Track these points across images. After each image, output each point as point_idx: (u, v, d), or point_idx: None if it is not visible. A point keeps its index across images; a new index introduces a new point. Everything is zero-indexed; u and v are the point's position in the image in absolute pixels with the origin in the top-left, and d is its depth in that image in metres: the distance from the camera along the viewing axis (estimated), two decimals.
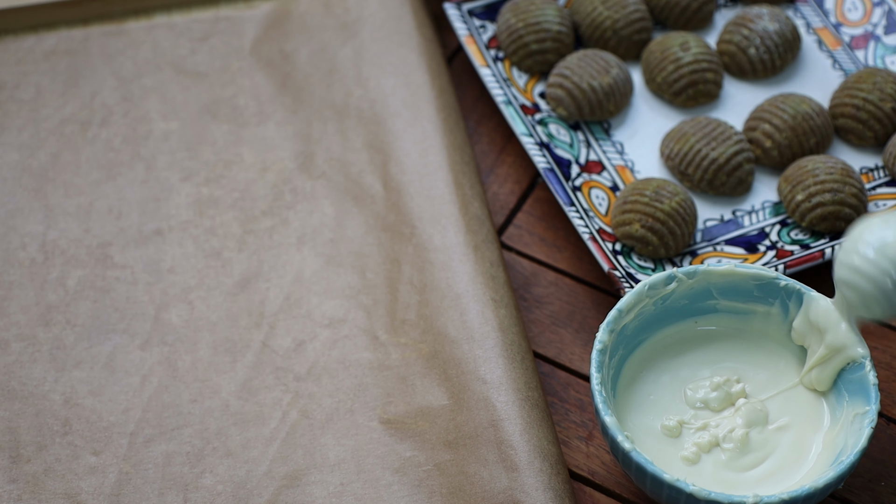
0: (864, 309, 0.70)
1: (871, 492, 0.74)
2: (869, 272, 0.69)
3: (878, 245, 0.69)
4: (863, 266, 0.69)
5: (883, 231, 0.70)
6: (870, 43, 0.92)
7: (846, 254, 0.70)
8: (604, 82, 0.87)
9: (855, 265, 0.70)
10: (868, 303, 0.70)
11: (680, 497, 0.68)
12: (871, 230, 0.70)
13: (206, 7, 0.95)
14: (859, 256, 0.70)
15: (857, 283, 0.70)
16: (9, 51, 0.92)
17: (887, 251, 0.69)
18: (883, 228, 0.70)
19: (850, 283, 0.70)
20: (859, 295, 0.70)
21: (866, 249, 0.69)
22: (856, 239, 0.70)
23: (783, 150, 0.86)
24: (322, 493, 0.72)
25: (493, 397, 0.75)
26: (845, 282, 0.70)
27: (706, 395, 0.74)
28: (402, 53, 0.91)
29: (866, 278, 0.69)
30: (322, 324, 0.79)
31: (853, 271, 0.70)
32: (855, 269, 0.70)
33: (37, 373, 0.77)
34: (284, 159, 0.87)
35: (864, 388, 0.71)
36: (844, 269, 0.70)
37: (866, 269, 0.69)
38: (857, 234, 0.70)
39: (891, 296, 0.69)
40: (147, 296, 0.80)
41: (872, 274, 0.69)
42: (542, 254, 0.85)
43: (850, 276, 0.70)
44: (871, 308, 0.70)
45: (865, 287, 0.69)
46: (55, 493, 0.73)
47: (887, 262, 0.69)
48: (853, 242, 0.70)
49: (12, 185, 0.85)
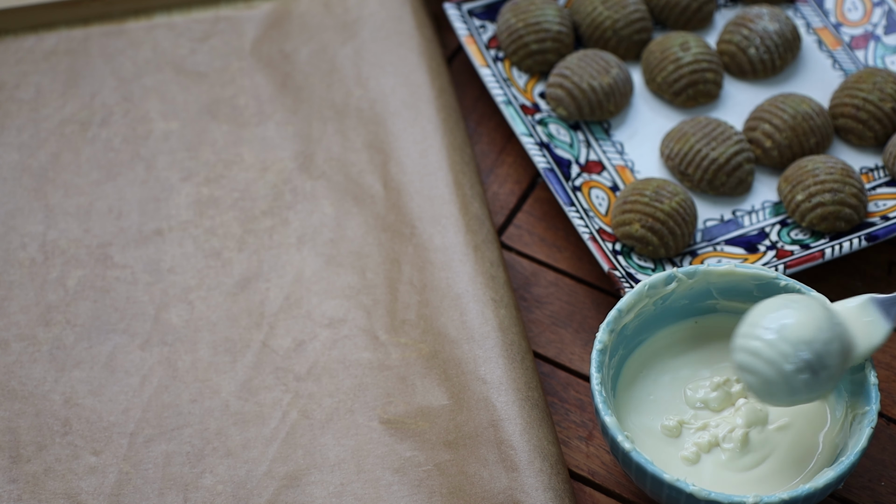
0: (766, 395, 0.68)
1: (871, 492, 0.74)
2: (768, 356, 0.67)
3: (777, 328, 0.67)
4: (760, 349, 0.67)
5: (781, 313, 0.68)
6: (870, 43, 0.92)
7: (744, 338, 0.68)
8: (604, 82, 0.87)
9: (752, 349, 0.68)
10: (769, 388, 0.68)
11: (680, 497, 0.68)
12: (769, 314, 0.68)
13: (206, 7, 0.95)
14: (758, 340, 0.68)
15: (757, 367, 0.68)
16: (9, 51, 0.92)
17: (786, 333, 0.67)
18: (780, 311, 0.68)
19: (749, 368, 0.68)
20: (760, 380, 0.68)
21: (765, 333, 0.68)
22: (754, 323, 0.68)
23: (783, 150, 0.86)
24: (322, 493, 0.72)
25: (493, 397, 0.75)
26: (745, 367, 0.68)
27: (706, 395, 0.74)
28: (402, 53, 0.91)
29: (766, 362, 0.67)
30: (322, 324, 0.79)
31: (752, 355, 0.68)
32: (754, 352, 0.68)
33: (37, 373, 0.77)
34: (284, 159, 0.87)
35: (864, 388, 0.71)
36: (743, 353, 0.68)
37: (765, 352, 0.67)
38: (756, 318, 0.68)
39: (791, 380, 0.67)
40: (147, 296, 0.80)
41: (772, 357, 0.67)
42: (542, 254, 0.85)
43: (749, 361, 0.68)
44: (773, 394, 0.68)
45: (765, 372, 0.67)
46: (55, 493, 0.73)
47: (786, 346, 0.67)
48: (751, 326, 0.68)
49: (12, 185, 0.85)
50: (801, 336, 0.67)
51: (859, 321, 0.70)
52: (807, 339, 0.67)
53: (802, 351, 0.67)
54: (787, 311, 0.68)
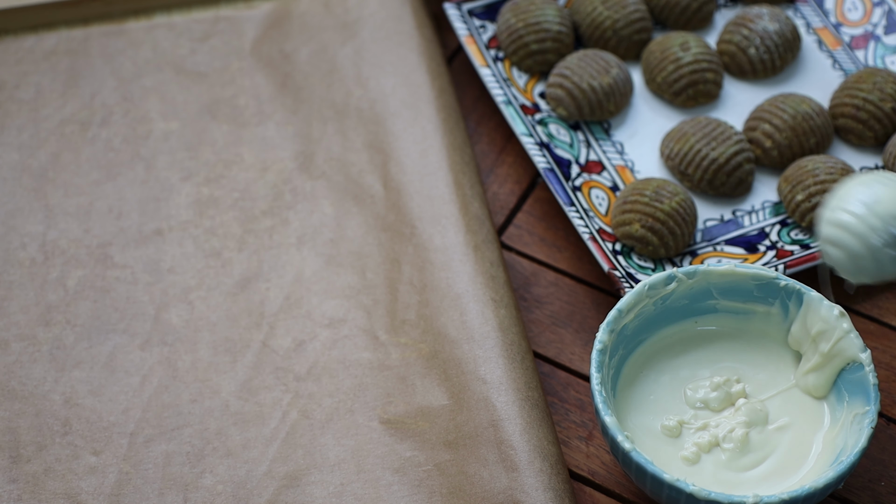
0: (851, 270, 0.67)
1: (871, 492, 0.74)
2: (857, 229, 0.66)
3: (869, 201, 0.66)
4: (851, 223, 0.66)
5: (870, 188, 0.67)
6: (870, 43, 0.92)
7: (833, 211, 0.67)
8: (604, 82, 0.87)
9: (842, 222, 0.66)
10: (855, 263, 0.67)
11: (680, 497, 0.68)
12: (861, 187, 0.67)
13: (206, 7, 0.95)
14: (847, 213, 0.66)
15: (844, 240, 0.66)
16: (9, 51, 0.92)
17: (877, 208, 0.66)
18: (873, 185, 0.67)
19: (836, 241, 0.67)
20: (846, 254, 0.67)
21: (855, 205, 0.66)
22: (843, 196, 0.67)
23: (783, 150, 0.86)
24: (322, 493, 0.72)
25: (493, 397, 0.75)
26: (831, 240, 0.67)
27: (706, 395, 0.74)
28: (402, 53, 0.91)
29: (854, 235, 0.66)
30: (322, 324, 0.79)
31: (840, 228, 0.66)
32: (842, 225, 0.66)
33: (37, 373, 0.77)
34: (284, 159, 0.87)
35: (864, 388, 0.71)
36: (831, 226, 0.67)
37: (855, 225, 0.66)
38: (845, 191, 0.67)
39: (878, 255, 0.66)
40: (147, 296, 0.80)
41: (861, 231, 0.66)
42: (542, 254, 0.85)
43: (837, 234, 0.67)
44: (859, 268, 0.67)
45: (853, 245, 0.66)
46: (55, 493, 0.73)
47: (876, 219, 0.66)
48: (840, 199, 0.67)
49: (12, 185, 0.85)
50: (891, 212, 0.66)
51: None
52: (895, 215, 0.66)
53: (893, 226, 0.66)
54: (879, 187, 0.67)
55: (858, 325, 0.81)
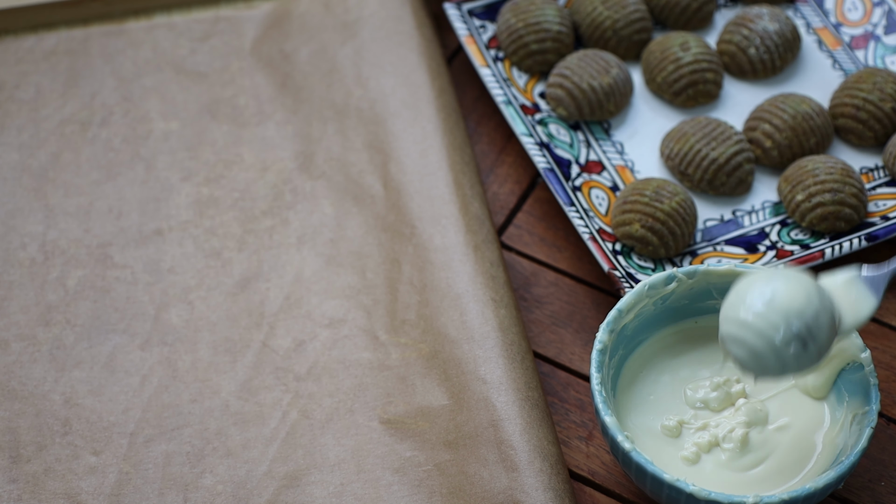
0: (755, 368, 0.67)
1: (871, 492, 0.74)
2: (757, 326, 0.66)
3: (767, 298, 0.66)
4: (750, 320, 0.66)
5: (770, 285, 0.67)
6: (870, 43, 0.92)
7: (732, 308, 0.67)
8: (604, 82, 0.87)
9: (741, 320, 0.66)
10: (758, 360, 0.66)
11: (680, 497, 0.68)
12: (757, 285, 0.67)
13: (206, 7, 0.95)
14: (746, 310, 0.66)
15: (746, 338, 0.66)
16: (9, 51, 0.92)
17: (774, 304, 0.66)
18: (769, 282, 0.67)
19: (737, 339, 0.66)
20: (748, 352, 0.66)
21: (753, 302, 0.66)
22: (742, 293, 0.67)
23: (783, 150, 0.86)
24: (322, 493, 0.72)
25: (493, 397, 0.75)
26: (733, 338, 0.67)
27: (706, 395, 0.74)
28: (402, 53, 0.91)
29: (754, 333, 0.66)
30: (322, 324, 0.79)
31: (740, 326, 0.66)
32: (742, 323, 0.66)
33: (37, 373, 0.77)
34: (284, 159, 0.87)
35: (864, 388, 0.71)
36: (731, 324, 0.67)
37: (754, 323, 0.66)
38: (744, 289, 0.67)
39: (780, 352, 0.66)
40: (147, 296, 0.80)
41: (761, 328, 0.66)
42: (542, 254, 0.85)
43: (738, 332, 0.66)
44: (762, 366, 0.67)
45: (754, 343, 0.66)
46: (55, 493, 0.73)
47: (775, 315, 0.65)
48: (739, 296, 0.67)
49: (12, 185, 0.85)
50: (791, 307, 0.66)
51: (847, 296, 0.69)
52: (797, 311, 0.66)
53: (793, 322, 0.66)
54: (776, 283, 0.67)
55: None
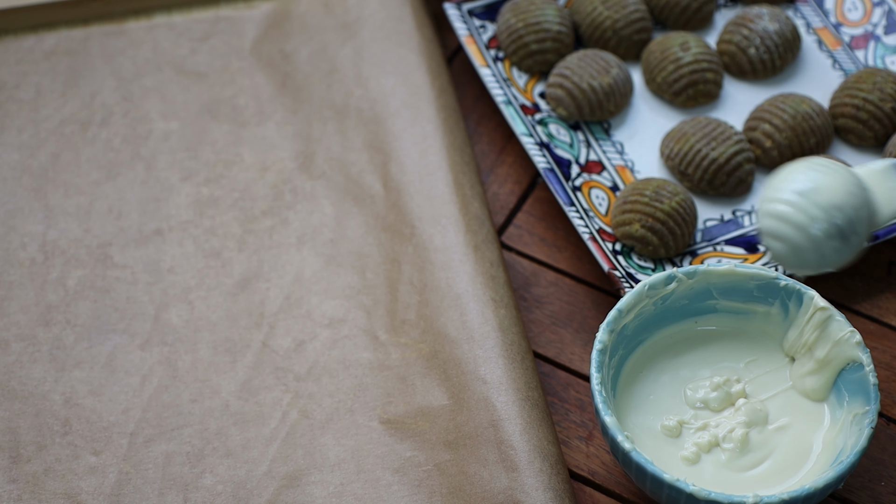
0: (793, 262, 0.65)
1: (871, 492, 0.74)
2: (796, 220, 0.64)
3: (804, 190, 0.64)
4: (788, 213, 0.64)
5: (808, 176, 0.65)
6: (870, 43, 0.92)
7: (770, 202, 0.65)
8: (604, 82, 0.87)
9: (780, 213, 0.64)
10: (797, 255, 0.65)
11: (680, 497, 0.68)
12: (796, 176, 0.65)
13: (206, 7, 0.95)
14: (784, 203, 0.64)
15: (784, 232, 0.64)
16: (9, 51, 0.92)
17: (815, 198, 0.64)
18: (807, 174, 0.65)
19: (776, 233, 0.65)
20: (787, 246, 0.65)
21: (792, 196, 0.64)
22: (780, 186, 0.65)
23: (783, 150, 0.86)
24: (322, 493, 0.72)
25: (493, 397, 0.75)
26: (771, 232, 0.65)
27: (706, 395, 0.74)
28: (402, 53, 0.91)
29: (794, 227, 0.64)
30: (322, 324, 0.79)
31: (779, 220, 0.64)
32: (780, 216, 0.64)
33: (37, 373, 0.77)
34: (284, 159, 0.87)
35: (864, 388, 0.71)
36: (769, 219, 0.65)
37: (792, 216, 0.64)
38: (781, 181, 0.65)
39: (820, 244, 0.64)
40: (147, 296, 0.80)
41: (799, 221, 0.64)
42: (542, 254, 0.85)
43: (777, 226, 0.65)
44: (801, 260, 0.65)
45: (793, 237, 0.64)
46: (55, 493, 0.73)
47: (815, 208, 0.64)
48: (777, 190, 0.65)
49: (12, 185, 0.85)
50: (832, 200, 0.64)
51: (883, 185, 0.67)
52: (838, 204, 0.64)
53: (834, 216, 0.64)
54: (815, 175, 0.65)
55: (858, 325, 0.81)
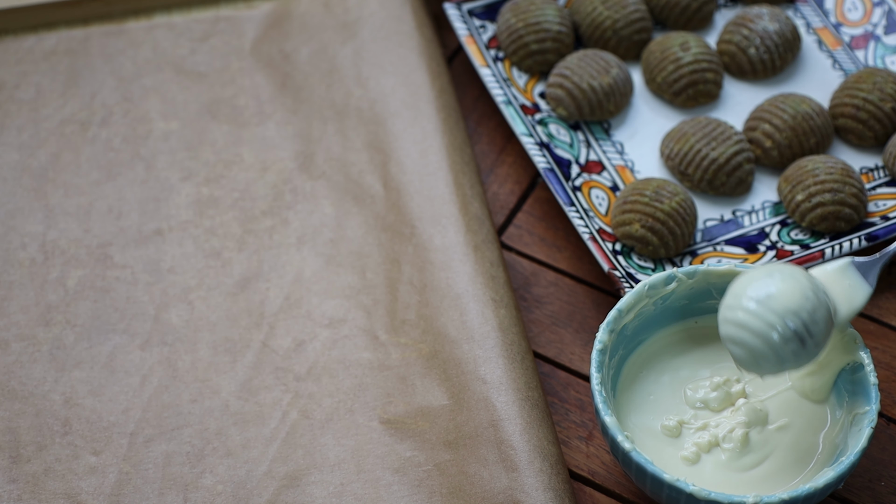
0: (754, 366, 0.68)
1: (871, 492, 0.74)
2: (754, 326, 0.67)
3: (762, 297, 0.67)
4: (747, 321, 0.67)
5: (765, 283, 0.68)
6: (870, 43, 0.92)
7: (730, 310, 0.68)
8: (604, 82, 0.87)
9: (739, 320, 0.67)
10: (757, 359, 0.68)
11: (680, 497, 0.68)
12: (753, 284, 0.68)
13: (206, 7, 0.95)
14: (743, 311, 0.67)
15: (744, 339, 0.67)
16: (9, 51, 0.92)
17: (771, 304, 0.67)
18: (764, 281, 0.68)
19: (736, 339, 0.68)
20: (747, 352, 0.68)
21: (749, 303, 0.67)
22: (738, 294, 0.68)
23: (783, 150, 0.86)
24: (322, 493, 0.72)
25: (493, 397, 0.75)
26: (731, 339, 0.68)
27: (706, 395, 0.74)
28: (402, 53, 0.91)
29: (752, 333, 0.67)
30: (322, 324, 0.79)
31: (738, 327, 0.67)
32: (740, 324, 0.67)
33: (37, 373, 0.77)
34: (284, 159, 0.87)
35: (864, 388, 0.71)
36: (729, 325, 0.68)
37: (751, 323, 0.67)
38: (739, 289, 0.68)
39: (778, 350, 0.67)
40: (147, 296, 0.80)
41: (758, 328, 0.67)
42: (542, 254, 0.85)
43: (736, 333, 0.68)
44: (761, 364, 0.68)
45: (752, 343, 0.67)
46: (55, 493, 0.73)
47: (772, 315, 0.67)
48: (736, 297, 0.68)
49: (12, 185, 0.85)
50: (787, 305, 0.67)
51: (840, 285, 0.70)
52: (793, 309, 0.67)
53: (790, 320, 0.67)
54: (771, 281, 0.68)
55: (858, 325, 0.81)
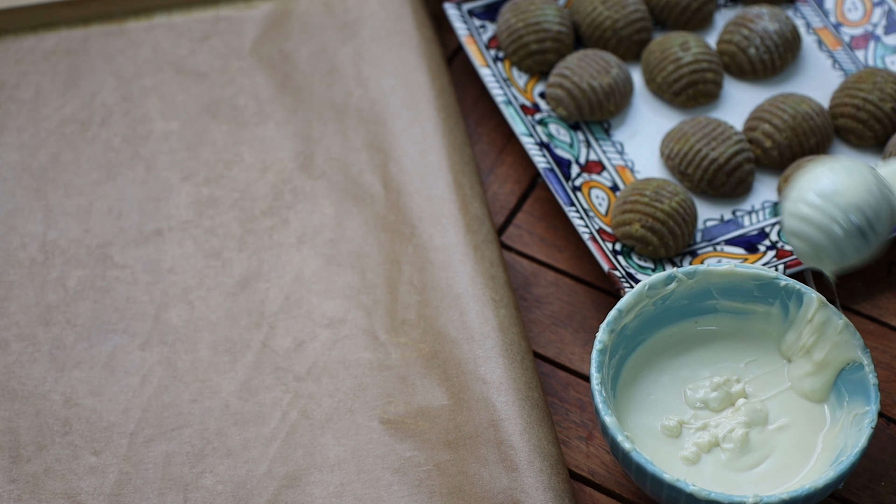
0: (816, 260, 0.69)
1: (871, 492, 0.74)
2: (817, 220, 0.67)
3: (826, 192, 0.67)
4: (811, 214, 0.67)
5: (829, 178, 0.68)
6: (870, 43, 0.92)
7: (793, 203, 0.68)
8: (604, 82, 0.87)
9: (803, 214, 0.68)
10: (819, 253, 0.68)
11: (680, 497, 0.68)
12: (817, 178, 0.68)
13: (206, 7, 0.95)
14: (807, 205, 0.68)
15: (806, 232, 0.68)
16: (9, 51, 0.92)
17: (835, 199, 0.67)
18: (829, 175, 0.68)
19: (799, 233, 0.68)
20: (809, 245, 0.68)
21: (813, 197, 0.68)
22: (802, 188, 0.68)
23: (783, 150, 0.86)
24: (322, 493, 0.72)
25: (493, 397, 0.75)
26: (794, 232, 0.68)
27: (706, 395, 0.74)
28: (402, 53, 0.91)
29: (815, 227, 0.67)
30: (322, 324, 0.79)
31: (801, 220, 0.68)
32: (803, 217, 0.68)
33: (37, 373, 0.77)
34: (284, 159, 0.87)
35: (864, 388, 0.71)
36: (792, 219, 0.68)
37: (815, 217, 0.67)
38: (804, 183, 0.69)
39: (841, 244, 0.67)
40: (147, 296, 0.80)
41: (821, 222, 0.67)
42: (542, 254, 0.85)
43: (799, 226, 0.68)
44: (823, 259, 0.68)
45: (815, 236, 0.68)
46: (55, 493, 0.73)
47: (836, 210, 0.67)
48: (800, 191, 0.68)
49: (12, 185, 0.85)
50: (851, 200, 0.67)
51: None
52: (857, 204, 0.67)
53: (853, 215, 0.67)
54: (836, 176, 0.68)
55: (858, 325, 0.81)
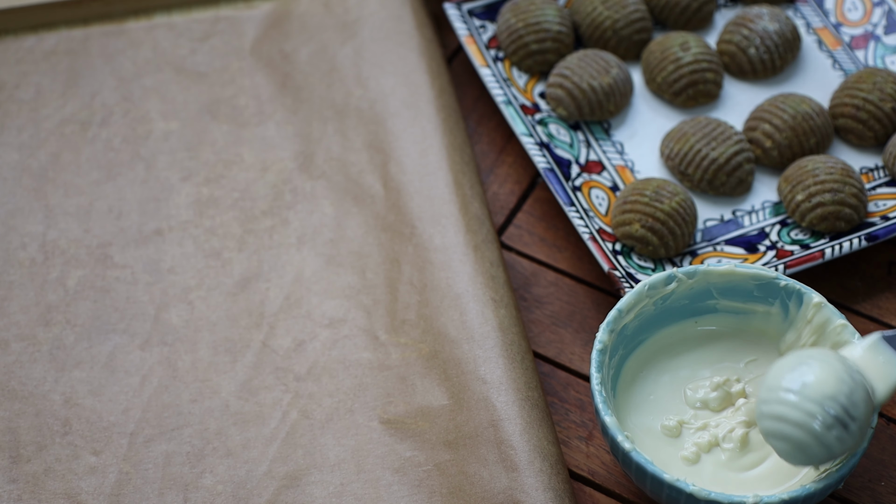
0: (801, 458, 0.66)
1: (871, 492, 0.74)
2: (794, 418, 0.65)
3: (797, 387, 0.65)
4: (786, 413, 0.65)
5: (798, 372, 0.66)
6: (870, 43, 0.92)
7: (766, 404, 0.66)
8: (604, 82, 0.87)
9: (777, 414, 0.66)
10: (802, 451, 0.66)
11: (680, 497, 0.68)
12: (786, 374, 0.66)
13: (206, 7, 0.95)
14: (780, 404, 0.65)
15: (785, 431, 0.65)
16: (9, 51, 0.92)
17: (807, 392, 0.65)
18: (797, 370, 0.66)
19: (777, 434, 0.66)
20: (791, 444, 0.66)
21: (785, 395, 0.65)
22: (772, 387, 0.66)
23: (783, 150, 0.86)
24: (322, 493, 0.72)
25: (493, 397, 0.75)
26: (773, 433, 0.66)
27: (706, 395, 0.74)
28: (402, 53, 0.91)
29: (793, 425, 0.65)
30: (322, 324, 0.79)
31: (777, 420, 0.66)
32: (778, 417, 0.65)
33: (37, 373, 0.77)
34: (284, 159, 0.87)
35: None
36: (768, 420, 0.66)
37: (790, 415, 0.65)
38: (773, 382, 0.66)
39: (822, 438, 0.65)
40: (147, 296, 0.80)
41: (798, 419, 0.65)
42: (542, 254, 0.85)
43: (776, 427, 0.66)
44: (807, 455, 0.66)
45: (794, 434, 0.65)
46: (55, 493, 0.73)
47: (810, 404, 0.65)
48: (771, 391, 0.66)
49: (12, 185, 0.85)
50: (823, 391, 0.65)
51: (873, 363, 0.68)
52: (830, 394, 0.65)
53: (829, 406, 0.65)
54: (804, 369, 0.66)
55: (858, 325, 0.81)
